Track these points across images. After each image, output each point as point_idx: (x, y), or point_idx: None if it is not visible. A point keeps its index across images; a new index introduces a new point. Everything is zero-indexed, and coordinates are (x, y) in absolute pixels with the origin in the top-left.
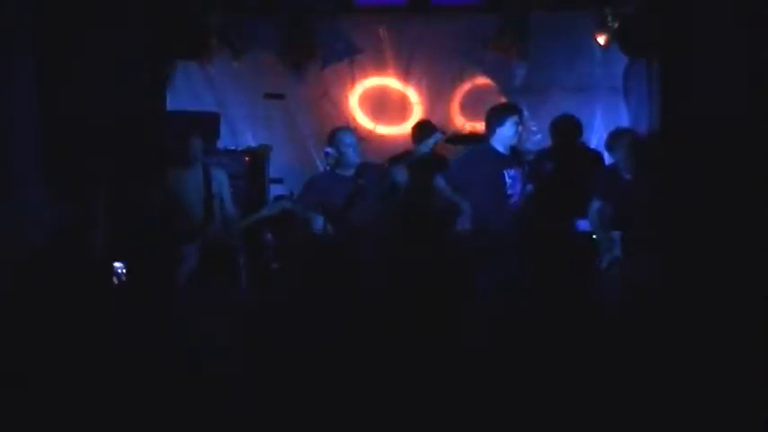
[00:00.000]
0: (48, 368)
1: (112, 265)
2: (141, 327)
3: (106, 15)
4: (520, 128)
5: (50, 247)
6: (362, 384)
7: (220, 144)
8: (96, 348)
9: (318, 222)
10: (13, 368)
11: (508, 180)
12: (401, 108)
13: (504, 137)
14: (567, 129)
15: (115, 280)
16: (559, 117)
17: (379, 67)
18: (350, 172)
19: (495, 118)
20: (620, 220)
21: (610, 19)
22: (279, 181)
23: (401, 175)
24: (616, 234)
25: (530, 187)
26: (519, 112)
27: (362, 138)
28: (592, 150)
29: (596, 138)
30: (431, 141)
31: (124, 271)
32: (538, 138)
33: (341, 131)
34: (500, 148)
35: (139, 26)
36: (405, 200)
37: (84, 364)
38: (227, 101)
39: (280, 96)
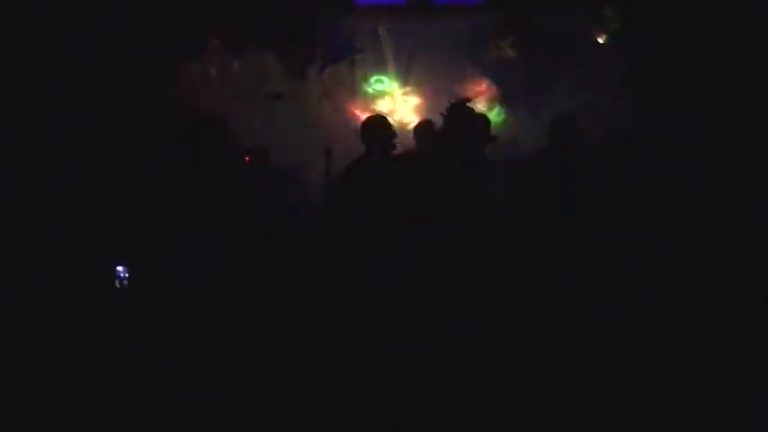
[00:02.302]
0: (45, 368)
1: (115, 269)
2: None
3: (106, 15)
4: None
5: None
6: None
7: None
8: (95, 347)
9: None
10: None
11: None
12: None
13: None
14: (565, 128)
15: (117, 284)
16: (558, 117)
17: (379, 67)
18: None
19: None
20: None
21: (610, 19)
22: None
23: None
24: None
25: None
26: None
27: None
28: (585, 150)
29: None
30: None
31: (126, 275)
32: None
33: None
34: None
35: (140, 26)
36: None
37: (81, 364)
38: (227, 101)
39: (280, 96)
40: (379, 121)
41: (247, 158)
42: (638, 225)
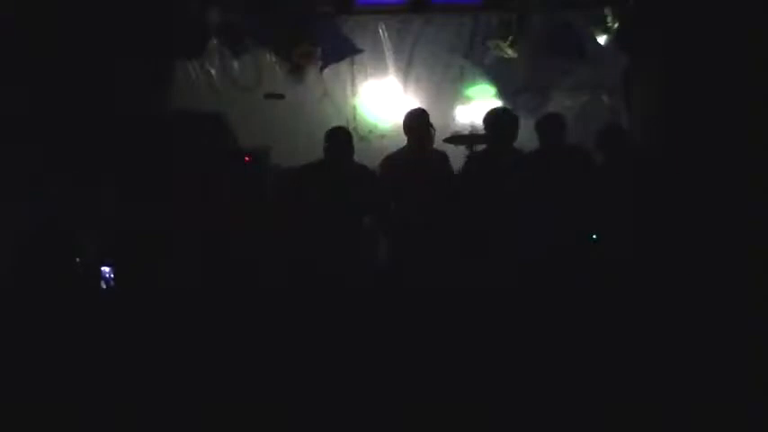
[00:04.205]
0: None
1: (100, 270)
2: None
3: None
4: None
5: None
6: None
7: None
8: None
9: None
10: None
11: None
12: None
13: None
14: (553, 128)
15: (103, 284)
16: (545, 116)
17: (379, 67)
18: None
19: None
20: None
21: (610, 19)
22: None
23: None
24: None
25: None
26: None
27: (362, 137)
28: (582, 150)
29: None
30: None
31: (112, 276)
32: None
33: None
34: None
35: (140, 26)
36: None
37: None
38: (227, 101)
39: (280, 96)
40: (341, 132)
41: (247, 158)
42: (637, 224)
